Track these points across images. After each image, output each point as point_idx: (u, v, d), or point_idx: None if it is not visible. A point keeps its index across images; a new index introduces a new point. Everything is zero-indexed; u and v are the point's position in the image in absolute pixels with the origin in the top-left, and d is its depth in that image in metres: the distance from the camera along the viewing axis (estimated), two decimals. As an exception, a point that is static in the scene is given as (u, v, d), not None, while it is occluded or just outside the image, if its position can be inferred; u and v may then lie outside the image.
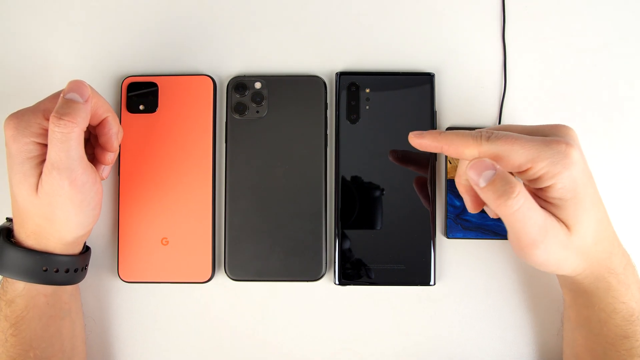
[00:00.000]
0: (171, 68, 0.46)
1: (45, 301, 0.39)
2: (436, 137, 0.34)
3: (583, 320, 0.38)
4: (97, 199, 0.39)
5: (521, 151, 0.32)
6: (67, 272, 0.39)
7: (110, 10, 0.46)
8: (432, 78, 0.44)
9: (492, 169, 0.32)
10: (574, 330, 0.39)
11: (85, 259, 0.42)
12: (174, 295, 0.45)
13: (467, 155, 0.33)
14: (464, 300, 0.45)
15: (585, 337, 0.38)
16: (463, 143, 0.33)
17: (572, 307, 0.39)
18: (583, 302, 0.38)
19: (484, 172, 0.32)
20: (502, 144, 0.32)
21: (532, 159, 0.32)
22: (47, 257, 0.38)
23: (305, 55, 0.46)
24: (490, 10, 0.46)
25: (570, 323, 0.40)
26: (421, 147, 0.35)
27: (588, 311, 0.37)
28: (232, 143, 0.44)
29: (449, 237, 0.44)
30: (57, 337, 0.40)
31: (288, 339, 0.45)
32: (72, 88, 0.36)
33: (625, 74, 0.45)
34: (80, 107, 0.35)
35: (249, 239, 0.44)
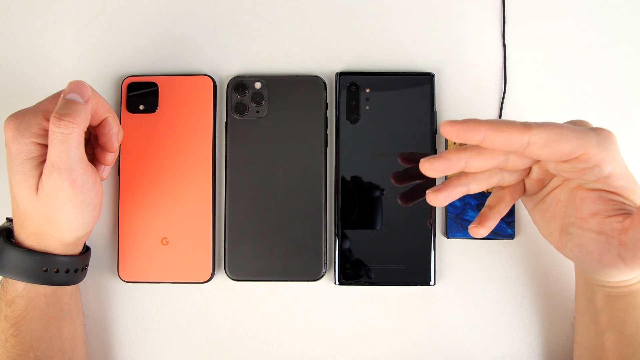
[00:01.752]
0: (171, 68, 0.46)
1: (45, 301, 0.39)
2: (478, 123, 0.30)
3: (617, 323, 0.36)
4: (97, 199, 0.39)
5: (572, 135, 0.30)
6: (67, 272, 0.39)
7: (110, 10, 0.46)
8: (432, 78, 0.44)
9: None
10: (602, 335, 0.37)
11: (85, 259, 0.42)
12: (174, 295, 0.45)
13: (516, 142, 0.30)
14: (464, 300, 0.45)
15: (615, 340, 0.37)
16: (511, 128, 0.30)
17: (606, 310, 0.37)
18: (623, 305, 0.36)
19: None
20: (552, 129, 0.30)
21: (583, 144, 0.30)
22: (47, 257, 0.38)
23: (305, 55, 0.46)
24: (490, 10, 0.46)
25: (598, 327, 0.37)
26: (457, 136, 0.31)
27: (625, 314, 0.36)
28: (232, 143, 0.44)
29: (449, 237, 0.44)
30: (57, 338, 0.40)
31: (288, 339, 0.45)
32: (72, 89, 0.36)
33: (625, 73, 0.45)
34: (80, 107, 0.35)
35: (249, 239, 0.44)
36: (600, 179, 0.32)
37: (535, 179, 0.35)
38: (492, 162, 0.33)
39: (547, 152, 0.31)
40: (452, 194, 0.34)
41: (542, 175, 0.35)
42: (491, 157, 0.33)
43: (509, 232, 0.44)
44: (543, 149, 0.30)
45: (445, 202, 0.34)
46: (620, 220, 0.31)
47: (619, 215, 0.32)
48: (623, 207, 0.32)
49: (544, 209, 0.36)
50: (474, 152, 0.32)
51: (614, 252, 0.32)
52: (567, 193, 0.34)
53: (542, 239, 0.45)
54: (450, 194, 0.34)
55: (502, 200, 0.36)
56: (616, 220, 0.32)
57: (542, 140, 0.30)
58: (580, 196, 0.33)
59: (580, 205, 0.33)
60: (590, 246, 0.33)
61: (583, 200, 0.33)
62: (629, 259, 0.31)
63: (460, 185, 0.34)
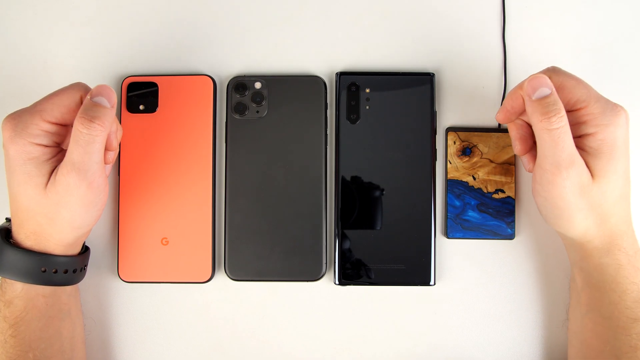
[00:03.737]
0: (171, 68, 0.46)
1: (44, 302, 0.39)
2: (516, 91, 0.37)
3: (594, 303, 0.38)
4: (104, 200, 0.39)
5: (584, 90, 0.36)
6: (65, 272, 0.39)
7: (110, 10, 0.46)
8: (432, 78, 0.44)
9: (548, 87, 0.35)
10: (584, 317, 0.39)
11: (84, 259, 0.41)
12: (174, 295, 0.45)
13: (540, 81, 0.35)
14: (464, 300, 0.45)
15: (595, 322, 0.38)
16: (537, 76, 0.36)
17: (584, 289, 0.39)
18: (595, 282, 0.38)
19: (540, 88, 0.35)
20: (571, 78, 0.36)
21: (588, 99, 0.36)
22: (46, 257, 0.38)
23: (305, 55, 0.46)
24: (490, 10, 0.46)
25: (580, 308, 0.40)
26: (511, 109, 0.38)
27: (600, 293, 0.38)
28: (232, 143, 0.44)
29: (449, 237, 0.44)
30: (57, 338, 0.39)
31: (288, 339, 0.45)
32: (100, 92, 0.36)
33: (625, 74, 0.45)
34: (108, 111, 0.36)
35: (249, 239, 0.44)
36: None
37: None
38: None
39: (560, 91, 0.36)
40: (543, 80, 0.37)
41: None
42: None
43: (509, 232, 0.44)
44: (557, 88, 0.36)
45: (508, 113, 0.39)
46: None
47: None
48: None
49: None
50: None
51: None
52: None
53: (542, 239, 0.45)
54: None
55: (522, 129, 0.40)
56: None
57: (559, 81, 0.36)
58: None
59: None
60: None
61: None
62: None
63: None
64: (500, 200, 0.44)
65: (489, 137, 0.44)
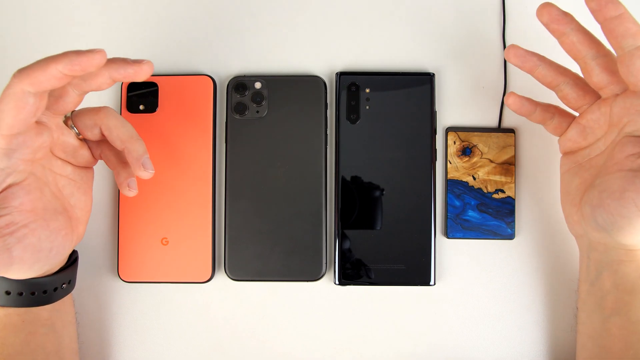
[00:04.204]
0: (171, 68, 0.46)
1: (19, 319, 0.37)
2: (617, 3, 0.33)
3: (623, 306, 0.36)
4: (69, 213, 0.36)
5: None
6: (33, 294, 0.36)
7: (110, 10, 0.46)
8: (432, 78, 0.44)
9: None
10: (607, 320, 0.37)
11: (66, 276, 0.38)
12: (174, 295, 0.45)
13: (633, 39, 0.32)
14: (464, 300, 0.45)
15: (621, 326, 0.36)
16: (639, 28, 0.32)
17: (613, 292, 0.37)
18: (630, 286, 0.36)
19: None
20: None
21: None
22: (6, 280, 0.35)
23: (305, 55, 0.46)
24: (490, 10, 0.46)
25: (603, 312, 0.37)
26: (598, 2, 0.33)
27: (631, 296, 0.36)
28: (232, 143, 0.44)
29: (449, 237, 0.44)
30: (40, 352, 0.37)
31: (288, 339, 0.45)
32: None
33: (625, 74, 0.45)
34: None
35: (249, 239, 0.44)
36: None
37: (584, 124, 0.37)
38: (587, 47, 0.35)
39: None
40: (527, 56, 0.38)
41: (592, 123, 0.37)
42: (590, 43, 0.35)
43: (509, 232, 0.44)
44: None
45: (519, 60, 0.38)
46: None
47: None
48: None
49: (578, 173, 0.38)
50: (582, 30, 0.35)
51: (638, 185, 0.32)
52: (606, 156, 0.36)
53: (542, 239, 0.45)
54: (527, 55, 0.38)
55: (547, 107, 0.39)
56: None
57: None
58: (622, 143, 0.34)
59: (618, 151, 0.34)
60: (614, 185, 0.34)
61: (623, 145, 0.34)
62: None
63: (536, 57, 0.38)
64: (500, 200, 0.44)
65: (489, 137, 0.44)
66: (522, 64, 0.38)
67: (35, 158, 0.34)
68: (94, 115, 0.36)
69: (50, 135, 0.34)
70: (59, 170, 0.36)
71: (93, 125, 0.36)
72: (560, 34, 0.35)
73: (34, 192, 0.34)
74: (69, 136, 0.36)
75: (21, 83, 0.30)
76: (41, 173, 0.35)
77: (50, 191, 0.35)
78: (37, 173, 0.34)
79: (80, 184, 0.38)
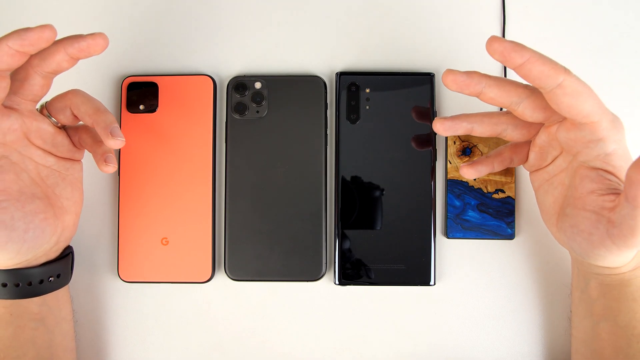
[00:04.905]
0: (171, 68, 0.46)
1: (6, 312, 0.37)
2: (524, 47, 0.31)
3: (610, 312, 0.37)
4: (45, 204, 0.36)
5: (596, 101, 0.31)
6: (17, 286, 0.36)
7: (110, 10, 0.46)
8: (432, 78, 0.44)
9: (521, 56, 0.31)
10: (597, 326, 0.38)
11: (53, 268, 0.38)
12: (174, 295, 0.45)
13: (552, 78, 0.31)
14: (464, 300, 0.45)
15: (609, 331, 0.37)
16: (553, 64, 0.31)
17: (600, 300, 0.37)
18: (616, 294, 0.36)
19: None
20: (584, 86, 0.31)
21: (601, 112, 0.31)
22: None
23: (305, 55, 0.46)
24: (490, 10, 0.46)
25: (592, 318, 0.38)
26: (501, 53, 0.31)
27: (618, 303, 0.36)
28: (232, 143, 0.44)
29: (449, 237, 0.44)
30: (30, 346, 0.37)
31: (288, 339, 0.45)
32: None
33: (625, 74, 0.45)
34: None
35: (249, 239, 0.44)
36: (600, 155, 0.33)
37: (539, 146, 0.36)
38: (506, 97, 0.34)
39: (568, 102, 0.31)
40: (457, 126, 0.36)
41: (545, 145, 0.36)
42: (507, 93, 0.34)
43: (509, 232, 0.44)
44: (567, 97, 0.31)
45: (449, 131, 0.36)
46: (612, 199, 0.32)
47: (612, 194, 0.32)
48: (617, 187, 0.33)
49: (549, 190, 0.37)
50: (495, 81, 0.34)
51: (603, 230, 0.32)
52: (571, 175, 0.35)
53: (542, 239, 0.45)
54: (455, 125, 0.36)
55: (500, 155, 0.38)
56: (609, 199, 0.32)
57: (571, 88, 0.31)
58: (581, 175, 0.34)
59: (579, 184, 0.34)
60: (581, 225, 0.33)
61: (582, 179, 0.34)
62: (616, 236, 0.31)
63: (466, 121, 0.36)
64: (500, 200, 0.44)
65: (489, 137, 0.44)
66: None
67: (6, 141, 0.34)
68: (62, 97, 0.37)
69: (20, 119, 0.35)
70: (40, 160, 0.37)
71: (63, 107, 0.36)
72: (476, 94, 0.34)
73: (7, 174, 0.34)
74: (44, 123, 0.36)
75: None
76: (17, 158, 0.35)
77: (30, 177, 0.36)
78: (11, 157, 0.35)
79: (65, 175, 0.38)
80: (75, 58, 0.33)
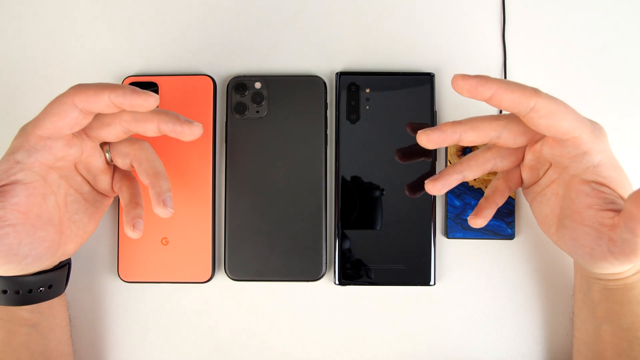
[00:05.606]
0: (171, 68, 0.46)
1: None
2: (489, 79, 0.31)
3: (613, 315, 0.37)
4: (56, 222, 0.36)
5: (572, 116, 0.31)
6: (4, 293, 0.36)
7: (110, 10, 0.46)
8: (432, 78, 0.44)
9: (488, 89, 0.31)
10: (599, 328, 0.38)
11: (44, 279, 0.37)
12: (174, 295, 0.45)
13: (523, 104, 0.31)
14: (464, 300, 0.45)
15: (611, 333, 0.37)
16: (521, 90, 0.31)
17: (603, 303, 0.37)
18: (619, 298, 0.37)
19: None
20: (557, 103, 0.31)
21: (579, 127, 0.31)
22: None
23: (305, 55, 0.46)
24: (490, 10, 0.46)
25: (595, 321, 0.38)
26: (468, 90, 0.31)
27: (621, 306, 0.37)
28: (232, 143, 0.44)
29: (449, 237, 0.44)
30: (24, 351, 0.37)
31: (288, 339, 0.45)
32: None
33: (625, 74, 0.45)
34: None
35: (249, 239, 0.44)
36: (589, 167, 0.33)
37: (529, 166, 0.36)
38: (484, 136, 0.34)
39: (546, 123, 0.31)
40: (449, 181, 0.36)
41: (534, 163, 0.36)
42: (484, 132, 0.34)
43: (509, 232, 0.44)
44: (543, 118, 0.31)
45: (443, 191, 0.36)
46: (611, 216, 0.32)
47: (610, 210, 0.32)
48: (615, 201, 0.33)
49: (543, 202, 0.37)
50: (468, 125, 0.34)
51: (604, 247, 0.32)
52: (564, 187, 0.35)
53: (542, 239, 0.45)
54: (446, 182, 0.36)
55: (497, 190, 0.38)
56: (607, 216, 0.32)
57: (545, 110, 0.31)
58: (575, 189, 0.34)
59: (575, 198, 0.34)
60: (582, 239, 0.34)
61: (578, 193, 0.34)
62: (618, 254, 0.31)
63: (455, 173, 0.36)
64: (500, 200, 0.44)
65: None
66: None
67: (55, 166, 0.35)
68: (130, 144, 0.37)
69: (79, 152, 0.35)
70: (75, 185, 0.37)
71: (126, 154, 0.37)
72: (455, 142, 0.34)
73: (36, 196, 0.34)
74: (99, 159, 0.37)
75: (74, 96, 0.32)
76: (53, 181, 0.35)
77: (55, 201, 0.36)
78: (48, 180, 0.35)
79: (89, 205, 0.38)
80: (163, 134, 0.34)
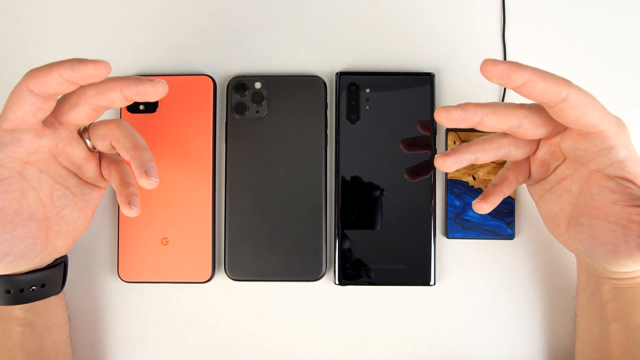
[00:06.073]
0: (171, 68, 0.46)
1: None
2: (523, 66, 0.30)
3: (622, 315, 0.36)
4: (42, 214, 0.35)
5: (601, 109, 0.31)
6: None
7: (110, 10, 0.46)
8: (432, 78, 0.44)
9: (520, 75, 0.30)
10: (606, 328, 0.37)
11: (36, 278, 0.37)
12: (174, 295, 0.45)
13: (555, 93, 0.30)
14: (464, 300, 0.45)
15: (619, 332, 0.36)
16: (555, 78, 0.30)
17: (612, 302, 0.37)
18: (630, 296, 0.36)
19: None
20: (587, 95, 0.30)
21: (607, 120, 0.31)
22: None
23: (305, 55, 0.46)
24: (490, 10, 0.46)
25: (602, 320, 0.37)
26: (499, 75, 0.30)
27: (631, 305, 0.36)
28: (232, 143, 0.44)
29: (449, 237, 0.44)
30: (19, 350, 0.37)
31: (288, 339, 0.45)
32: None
33: (625, 74, 0.45)
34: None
35: (249, 239, 0.44)
36: (614, 162, 0.32)
37: (541, 159, 0.36)
38: (505, 123, 0.33)
39: (575, 114, 0.31)
40: (461, 160, 0.34)
41: (548, 157, 0.35)
42: (506, 118, 0.32)
43: (509, 232, 0.44)
44: (574, 109, 0.30)
45: (453, 168, 0.34)
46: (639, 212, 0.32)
47: (638, 206, 0.32)
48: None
49: (552, 199, 0.36)
50: (491, 109, 0.32)
51: (633, 244, 0.31)
52: (580, 183, 0.34)
53: (542, 239, 0.45)
54: (458, 159, 0.34)
55: (505, 180, 0.37)
56: (635, 212, 0.32)
57: (576, 101, 0.30)
58: (597, 185, 0.33)
59: (597, 195, 0.33)
60: (604, 236, 0.33)
61: (600, 189, 0.33)
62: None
63: (469, 152, 0.34)
64: (500, 200, 0.44)
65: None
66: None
67: (30, 160, 0.34)
68: (105, 125, 0.36)
69: (53, 142, 0.34)
70: (60, 179, 0.36)
71: (104, 135, 0.36)
72: (474, 125, 0.33)
73: (12, 192, 0.33)
74: (78, 147, 0.36)
75: (26, 81, 0.31)
76: (32, 176, 0.34)
77: (37, 196, 0.35)
78: (26, 175, 0.34)
79: (78, 199, 0.37)
80: (130, 100, 0.33)
